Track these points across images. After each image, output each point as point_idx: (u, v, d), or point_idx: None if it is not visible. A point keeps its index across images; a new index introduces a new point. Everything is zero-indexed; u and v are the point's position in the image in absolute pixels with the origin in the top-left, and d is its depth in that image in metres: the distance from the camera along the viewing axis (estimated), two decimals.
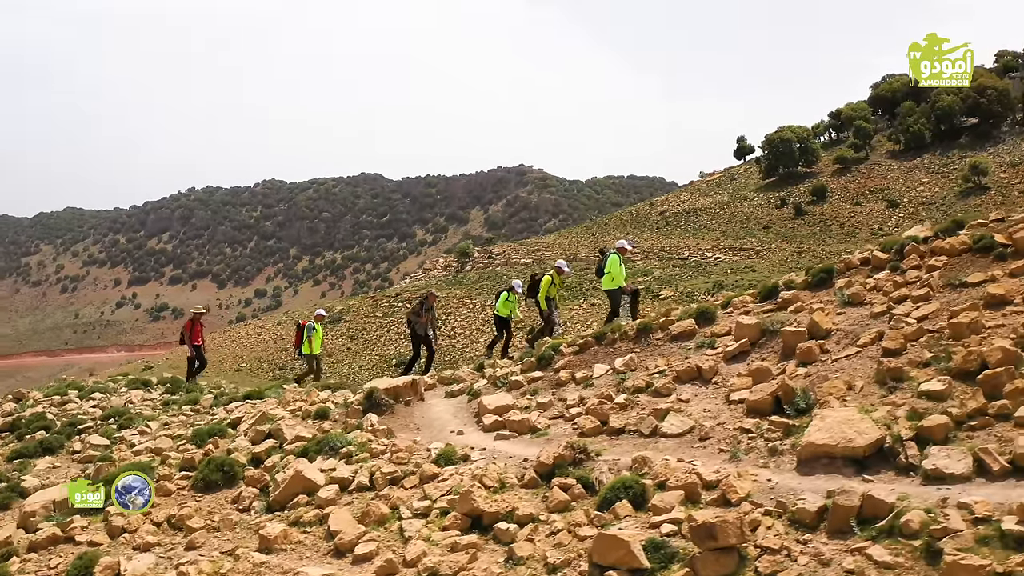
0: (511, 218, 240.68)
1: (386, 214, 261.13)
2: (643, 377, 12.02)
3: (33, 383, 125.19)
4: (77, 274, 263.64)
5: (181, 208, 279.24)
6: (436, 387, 15.11)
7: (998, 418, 8.51)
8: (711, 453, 9.46)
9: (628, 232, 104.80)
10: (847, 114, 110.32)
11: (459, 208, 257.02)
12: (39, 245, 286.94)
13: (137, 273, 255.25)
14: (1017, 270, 11.13)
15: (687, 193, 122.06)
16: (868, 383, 9.71)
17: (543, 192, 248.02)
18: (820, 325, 11.47)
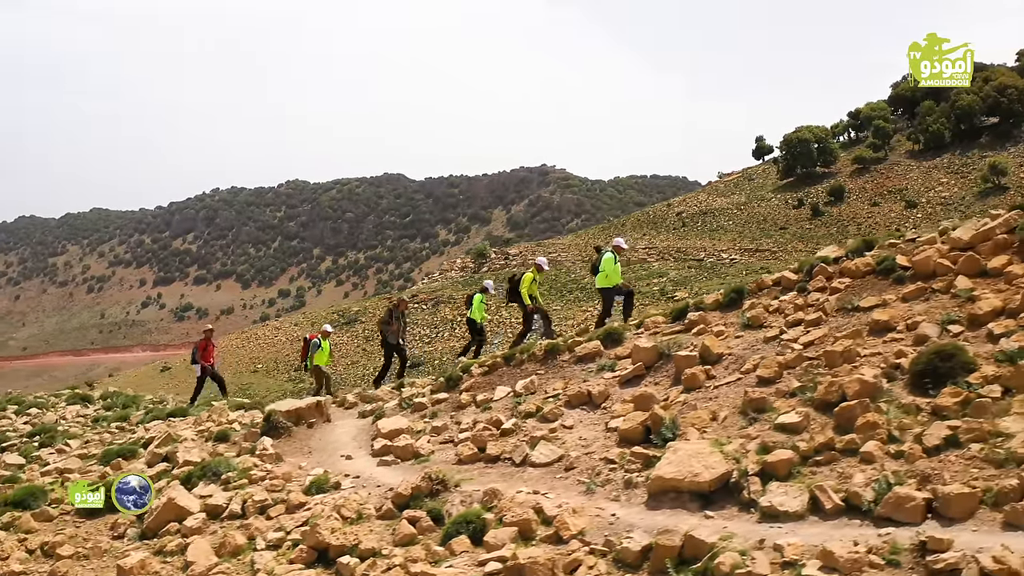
0: (533, 218, 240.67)
1: (409, 214, 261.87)
2: (537, 401, 11.94)
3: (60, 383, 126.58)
4: (103, 274, 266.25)
5: (206, 209, 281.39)
6: (357, 405, 15.05)
7: (845, 453, 8.40)
8: (570, 484, 9.37)
9: (645, 233, 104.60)
10: (866, 114, 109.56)
11: (481, 208, 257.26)
12: (66, 245, 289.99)
13: (162, 273, 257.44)
14: (910, 294, 10.96)
15: (704, 194, 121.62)
16: (732, 413, 9.60)
17: (565, 192, 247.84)
18: (711, 349, 11.34)
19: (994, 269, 10.63)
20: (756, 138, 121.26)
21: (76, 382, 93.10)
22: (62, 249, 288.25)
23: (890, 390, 9.08)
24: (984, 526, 7.10)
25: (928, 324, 10.03)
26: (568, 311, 64.05)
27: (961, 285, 10.56)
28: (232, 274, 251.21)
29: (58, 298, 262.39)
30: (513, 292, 18.84)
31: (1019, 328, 9.36)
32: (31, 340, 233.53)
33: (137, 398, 21.31)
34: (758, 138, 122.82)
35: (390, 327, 19.98)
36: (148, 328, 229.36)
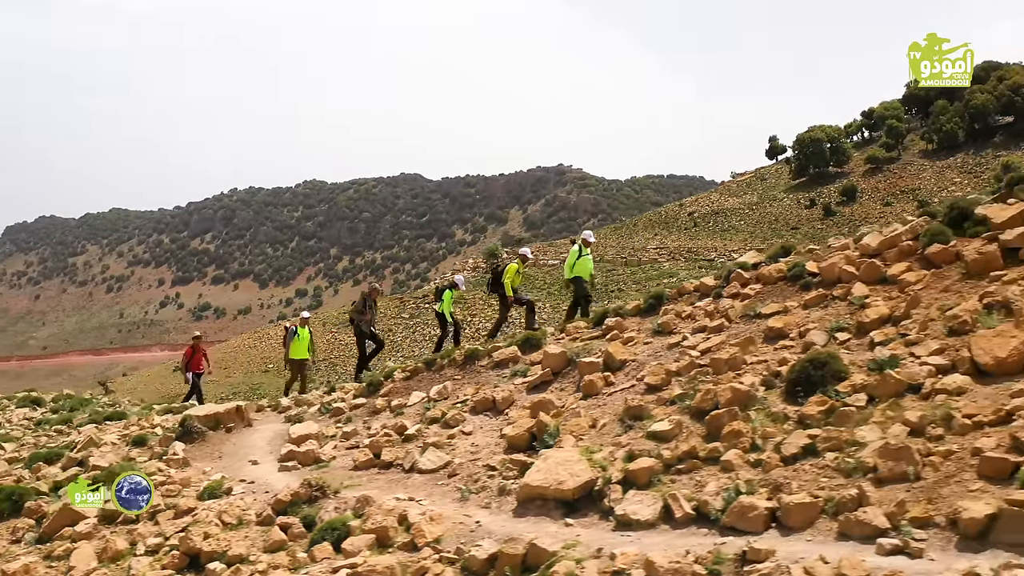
0: (550, 218, 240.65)
1: (426, 214, 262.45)
2: (445, 407, 12.00)
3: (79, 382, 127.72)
4: (122, 274, 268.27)
5: (224, 209, 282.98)
6: (291, 408, 15.13)
7: (707, 461, 8.43)
8: (448, 491, 9.44)
9: (656, 233, 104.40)
10: (880, 113, 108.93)
11: (498, 208, 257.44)
12: (85, 245, 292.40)
13: (180, 273, 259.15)
14: (811, 301, 10.97)
15: (717, 194, 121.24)
16: (612, 421, 9.65)
17: (582, 192, 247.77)
18: (614, 356, 11.37)
19: (892, 276, 10.62)
20: (769, 138, 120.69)
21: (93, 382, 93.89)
22: (82, 249, 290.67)
23: (765, 398, 9.09)
24: (820, 536, 7.12)
25: (817, 332, 10.05)
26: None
27: (857, 292, 10.56)
28: (250, 274, 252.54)
29: (78, 298, 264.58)
30: (496, 282, 18.72)
31: (898, 336, 9.36)
32: (51, 339, 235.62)
33: (88, 401, 21.44)
34: (771, 138, 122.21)
35: (363, 316, 19.71)
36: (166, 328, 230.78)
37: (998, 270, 9.71)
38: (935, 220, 11.45)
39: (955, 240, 10.66)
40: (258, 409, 15.83)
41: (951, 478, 7.14)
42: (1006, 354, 8.21)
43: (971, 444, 7.33)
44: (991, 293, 9.21)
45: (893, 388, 8.43)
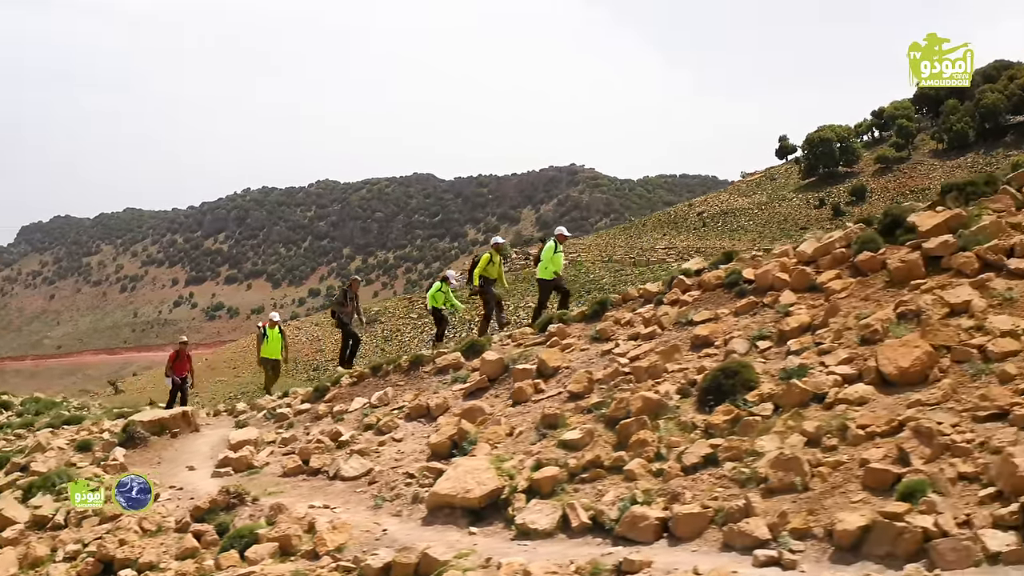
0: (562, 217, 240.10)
1: (438, 214, 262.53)
2: (381, 413, 12.05)
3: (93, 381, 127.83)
4: (136, 274, 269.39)
5: (237, 209, 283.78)
6: (245, 413, 15.17)
7: (611, 470, 8.50)
8: (364, 499, 9.52)
9: (665, 233, 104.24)
10: (890, 113, 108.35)
11: (511, 208, 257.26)
12: (100, 245, 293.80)
13: (194, 273, 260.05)
14: (742, 308, 10.99)
15: (726, 194, 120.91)
16: (529, 429, 9.72)
17: (594, 191, 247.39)
18: (548, 363, 11.41)
19: (821, 284, 10.64)
20: (779, 137, 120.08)
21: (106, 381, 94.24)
22: (96, 249, 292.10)
23: (678, 407, 9.13)
24: (705, 546, 7.18)
25: (740, 340, 10.08)
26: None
27: (784, 300, 10.58)
28: (263, 274, 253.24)
29: (92, 297, 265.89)
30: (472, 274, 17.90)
31: (814, 344, 9.39)
32: (65, 339, 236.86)
33: (57, 404, 21.52)
34: (781, 137, 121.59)
35: (344, 308, 19.36)
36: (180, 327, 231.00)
37: (919, 278, 9.72)
38: (870, 227, 11.45)
39: (885, 248, 10.66)
40: (215, 413, 15.93)
41: (837, 489, 7.18)
42: (909, 364, 8.23)
43: (861, 455, 7.37)
44: (906, 302, 9.24)
45: (798, 398, 8.46)
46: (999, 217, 10.10)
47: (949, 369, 8.11)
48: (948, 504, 6.45)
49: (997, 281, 8.98)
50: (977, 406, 7.40)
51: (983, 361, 7.95)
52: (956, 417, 7.43)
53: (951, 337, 8.37)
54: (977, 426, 7.24)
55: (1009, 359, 7.83)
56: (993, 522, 6.12)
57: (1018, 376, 7.58)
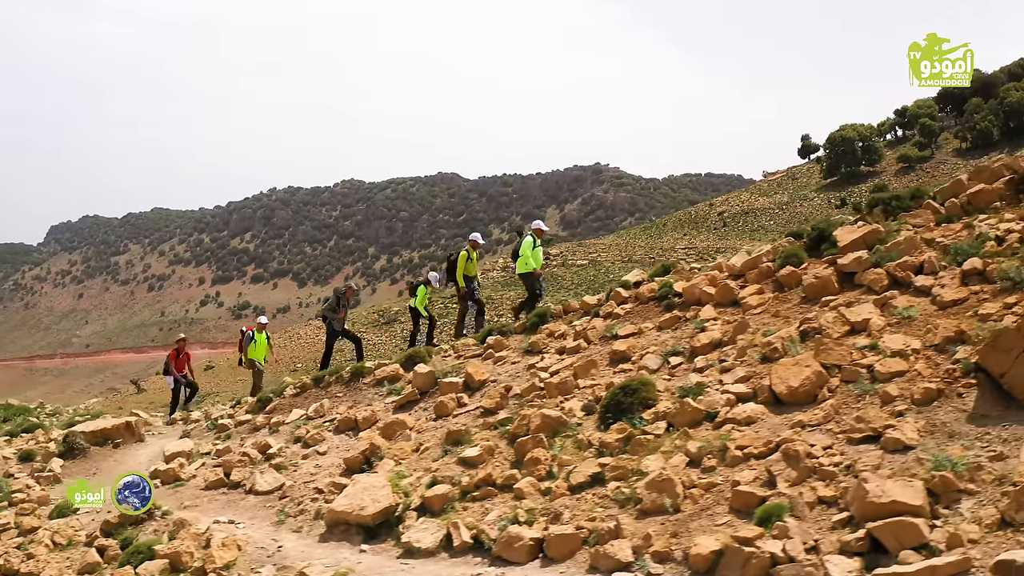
0: (587, 216, 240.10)
1: (463, 213, 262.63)
2: (313, 426, 12.12)
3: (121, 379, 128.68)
4: (163, 273, 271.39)
5: (263, 208, 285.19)
6: (198, 422, 15.26)
7: (503, 489, 8.54)
8: (271, 514, 9.59)
9: (685, 233, 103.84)
10: (913, 111, 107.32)
11: (535, 207, 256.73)
12: (127, 245, 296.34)
13: (220, 272, 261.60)
14: (665, 323, 10.99)
15: (747, 193, 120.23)
16: (436, 445, 9.75)
17: (619, 191, 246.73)
18: (474, 376, 11.45)
19: (741, 298, 10.61)
20: (801, 136, 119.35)
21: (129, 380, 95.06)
22: (124, 248, 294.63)
23: (579, 424, 9.15)
24: (573, 568, 7.21)
25: (653, 356, 10.08)
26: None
27: (703, 315, 10.56)
28: (289, 273, 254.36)
29: (120, 296, 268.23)
30: (451, 272, 17.79)
31: (718, 361, 9.37)
32: (94, 337, 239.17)
33: (28, 411, 21.63)
34: (803, 136, 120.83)
35: (336, 315, 19.20)
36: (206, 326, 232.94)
37: (832, 295, 9.69)
38: (799, 241, 11.42)
39: (808, 263, 10.63)
40: (171, 422, 16.04)
41: (705, 511, 7.19)
42: (798, 383, 8.23)
43: (733, 477, 7.37)
44: (810, 319, 9.21)
45: (690, 416, 8.47)
46: (916, 232, 10.04)
47: (838, 389, 8.08)
48: (801, 529, 6.43)
49: (901, 299, 8.94)
50: (852, 428, 7.38)
51: (870, 381, 7.92)
52: (831, 439, 7.41)
53: (843, 356, 8.34)
54: (849, 448, 7.22)
55: (895, 379, 7.79)
56: (840, 548, 6.11)
57: (898, 398, 7.55)
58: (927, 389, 7.40)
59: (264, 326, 21.01)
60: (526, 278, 16.33)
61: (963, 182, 10.74)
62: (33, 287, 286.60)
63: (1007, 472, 6.28)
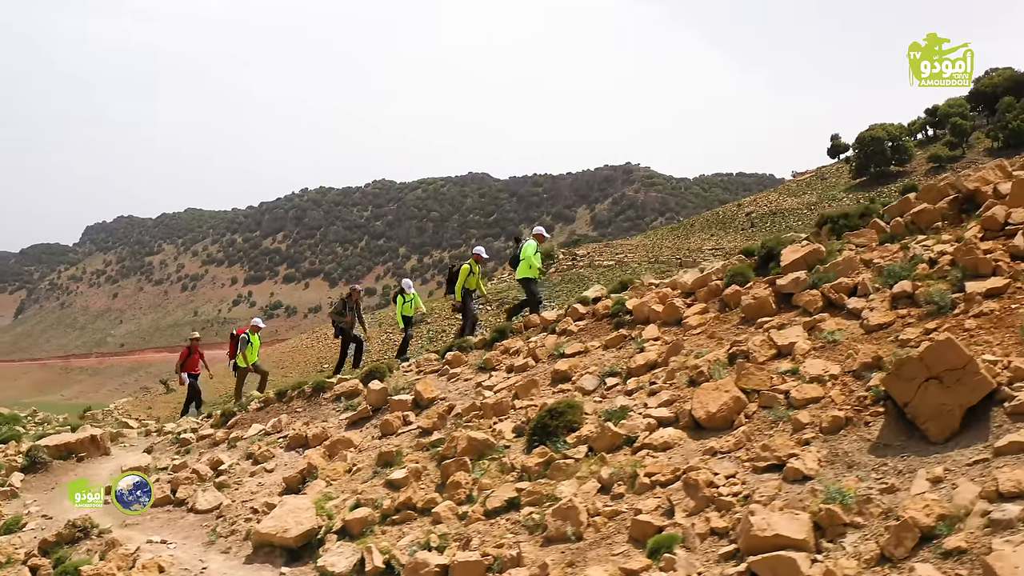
0: (617, 216, 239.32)
1: (493, 213, 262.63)
2: (268, 442, 12.18)
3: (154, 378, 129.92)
4: (196, 273, 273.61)
5: (295, 208, 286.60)
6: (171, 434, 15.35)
7: (423, 512, 8.55)
8: (204, 534, 9.67)
9: (713, 233, 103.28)
10: (944, 110, 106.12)
11: (565, 207, 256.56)
12: (161, 245, 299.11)
13: (253, 272, 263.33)
14: (611, 342, 10.97)
15: (776, 194, 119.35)
16: (370, 466, 9.77)
17: (649, 190, 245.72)
18: (423, 394, 11.47)
19: (684, 318, 10.57)
20: (831, 136, 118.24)
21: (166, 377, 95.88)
22: (158, 248, 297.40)
23: (507, 447, 9.15)
24: None
25: (591, 376, 10.06)
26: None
27: (646, 335, 10.53)
28: (320, 273, 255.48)
29: (154, 296, 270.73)
30: (451, 284, 17.81)
31: (648, 384, 9.34)
32: (128, 337, 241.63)
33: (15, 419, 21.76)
34: (833, 136, 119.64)
35: (343, 318, 19.06)
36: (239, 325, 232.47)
37: (769, 316, 9.63)
38: (749, 259, 11.36)
39: (753, 282, 10.57)
40: (147, 433, 16.18)
41: (605, 540, 7.17)
42: (716, 409, 8.20)
43: (637, 505, 7.36)
44: (740, 342, 9.16)
45: (609, 441, 8.45)
46: (857, 252, 9.96)
47: (755, 415, 8.03)
48: (688, 561, 6.41)
49: (830, 322, 8.87)
50: (758, 456, 7.34)
51: (786, 408, 7.87)
52: (738, 467, 7.38)
53: (763, 381, 8.30)
54: (752, 477, 7.18)
55: (809, 406, 7.74)
56: None
57: (808, 425, 7.50)
58: (835, 417, 7.34)
59: (259, 328, 20.80)
60: (525, 283, 16.27)
61: (910, 200, 10.62)
62: (69, 287, 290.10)
63: (895, 505, 6.22)
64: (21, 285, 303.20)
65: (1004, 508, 5.72)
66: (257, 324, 20.98)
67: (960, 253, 8.63)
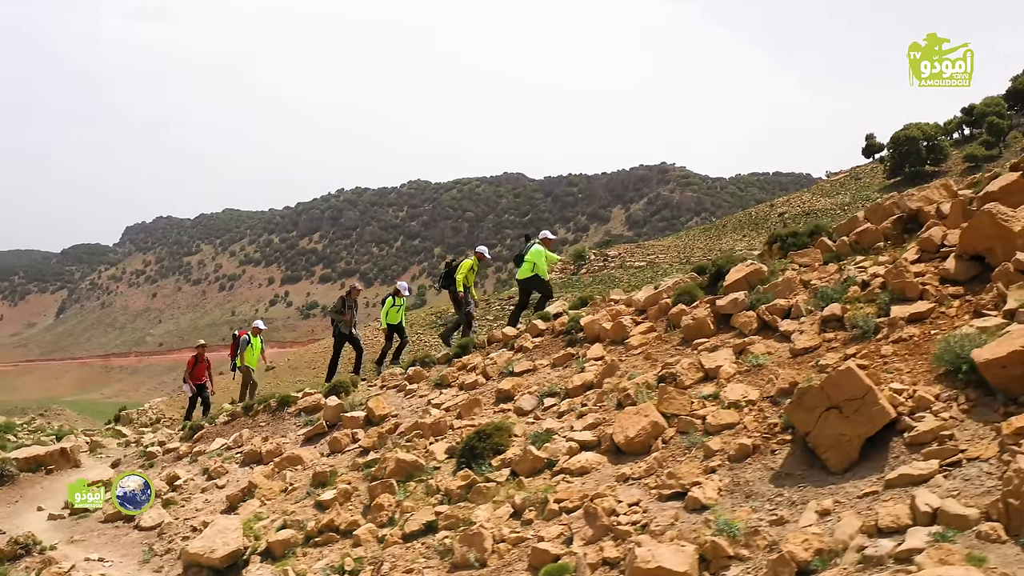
0: (653, 216, 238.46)
1: (528, 213, 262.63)
2: (223, 457, 12.27)
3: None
4: (234, 273, 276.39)
5: (331, 209, 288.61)
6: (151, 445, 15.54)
7: (344, 534, 8.59)
8: (140, 552, 9.76)
9: (745, 235, 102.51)
10: (980, 109, 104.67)
11: (600, 207, 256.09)
12: (199, 245, 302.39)
13: (289, 272, 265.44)
14: (559, 360, 10.95)
15: (809, 193, 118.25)
16: (305, 485, 9.82)
17: (685, 190, 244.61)
18: (374, 411, 11.50)
19: (629, 337, 10.54)
20: (866, 136, 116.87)
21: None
22: (196, 248, 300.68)
23: (437, 468, 9.16)
24: None
25: (530, 396, 10.05)
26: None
27: (590, 354, 10.50)
28: (356, 273, 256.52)
29: (192, 296, 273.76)
30: (447, 277, 17.48)
31: (580, 406, 9.32)
32: (167, 336, 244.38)
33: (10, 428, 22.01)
34: (868, 136, 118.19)
35: (342, 317, 18.62)
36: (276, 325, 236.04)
37: (707, 336, 9.58)
38: (701, 277, 11.30)
39: (700, 301, 10.51)
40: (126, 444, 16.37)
41: (506, 567, 7.17)
42: (635, 434, 8.16)
43: (541, 532, 7.35)
44: (670, 364, 9.12)
45: (531, 465, 8.45)
46: (799, 273, 9.88)
47: (672, 440, 8.00)
48: None
49: (759, 344, 8.81)
50: (664, 484, 7.31)
51: (702, 433, 7.83)
52: (644, 494, 7.35)
53: (683, 406, 8.26)
54: (654, 505, 7.15)
55: (723, 432, 7.70)
56: None
57: (718, 452, 7.46)
58: (742, 445, 7.30)
59: (261, 331, 20.67)
60: (524, 284, 16.30)
61: (857, 219, 10.53)
62: (109, 287, 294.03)
63: (780, 538, 6.18)
64: (62, 285, 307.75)
65: (879, 544, 5.66)
66: (258, 327, 20.83)
67: (890, 276, 8.53)
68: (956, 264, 8.41)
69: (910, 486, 6.12)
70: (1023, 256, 7.88)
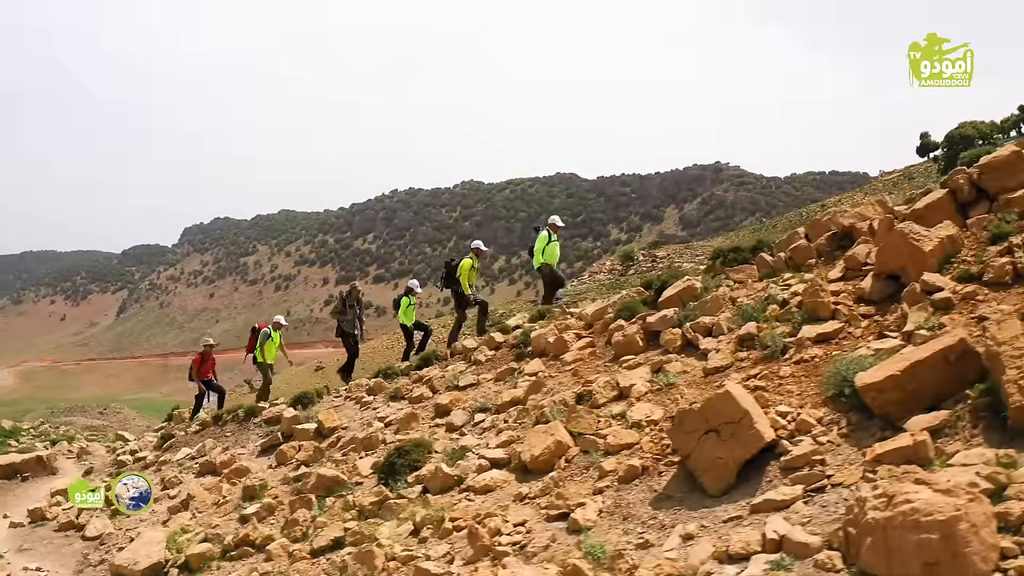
0: (706, 216, 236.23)
1: (581, 213, 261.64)
2: (183, 467, 12.48)
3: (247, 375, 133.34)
4: (289, 273, 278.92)
5: (385, 210, 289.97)
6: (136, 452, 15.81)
7: (259, 549, 8.73)
8: (78, 561, 9.98)
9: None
10: None
11: (654, 207, 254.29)
12: (256, 246, 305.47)
13: (344, 272, 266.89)
14: (502, 374, 11.00)
15: (861, 193, 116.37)
16: (236, 498, 9.97)
17: (739, 190, 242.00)
18: (325, 424, 11.62)
19: (566, 352, 10.56)
20: (920, 134, 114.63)
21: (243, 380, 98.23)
22: (253, 249, 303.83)
23: (359, 484, 9.27)
24: None
25: (463, 411, 10.12)
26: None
27: (528, 369, 10.54)
28: (409, 273, 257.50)
29: (248, 296, 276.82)
30: (449, 277, 17.42)
31: (503, 423, 9.38)
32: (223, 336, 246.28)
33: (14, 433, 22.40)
34: (923, 134, 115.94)
35: (344, 316, 18.54)
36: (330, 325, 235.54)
37: (635, 353, 9.59)
38: (647, 292, 11.28)
39: (640, 316, 10.50)
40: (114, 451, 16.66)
41: None
42: (540, 452, 8.20)
43: (431, 552, 7.42)
44: (590, 382, 9.14)
45: (442, 482, 8.52)
46: (731, 290, 9.84)
47: (574, 460, 8.03)
48: None
49: (676, 363, 8.80)
50: (553, 504, 7.35)
51: (602, 453, 7.86)
52: (535, 515, 7.39)
53: (589, 425, 8.28)
54: (539, 526, 7.19)
55: (622, 452, 7.73)
56: None
57: (611, 473, 7.49)
58: (631, 466, 7.32)
59: (282, 326, 20.41)
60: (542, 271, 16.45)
61: (796, 235, 10.44)
62: (168, 287, 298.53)
63: (641, 561, 6.20)
64: (123, 285, 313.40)
65: (724, 571, 5.68)
66: (279, 322, 20.58)
67: (807, 295, 8.48)
68: (872, 283, 8.34)
69: (773, 511, 6.11)
70: (930, 277, 7.80)
